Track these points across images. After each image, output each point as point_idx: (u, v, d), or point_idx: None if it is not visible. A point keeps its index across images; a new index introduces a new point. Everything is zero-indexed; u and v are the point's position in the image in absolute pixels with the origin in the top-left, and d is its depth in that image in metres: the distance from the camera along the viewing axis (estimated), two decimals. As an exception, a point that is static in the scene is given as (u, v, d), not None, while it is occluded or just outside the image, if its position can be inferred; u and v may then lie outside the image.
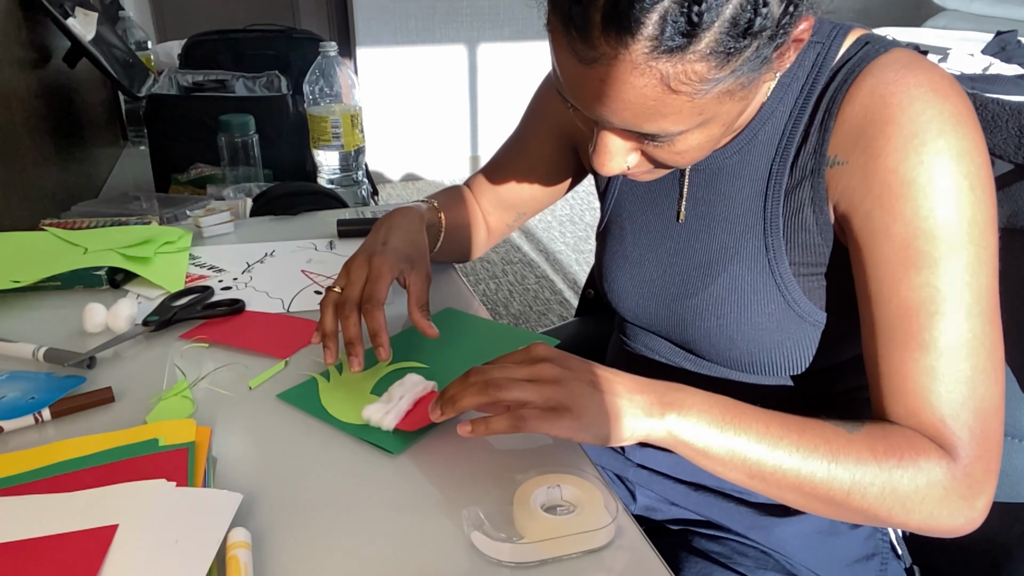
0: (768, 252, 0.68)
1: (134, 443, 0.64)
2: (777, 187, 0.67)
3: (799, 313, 0.68)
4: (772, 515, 0.76)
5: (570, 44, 0.53)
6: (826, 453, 0.57)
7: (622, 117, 0.55)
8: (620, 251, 0.80)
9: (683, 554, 0.77)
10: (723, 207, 0.71)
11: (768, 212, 0.68)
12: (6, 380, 0.73)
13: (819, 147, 0.64)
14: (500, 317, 2.57)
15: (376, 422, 0.66)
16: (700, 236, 0.73)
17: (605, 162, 0.61)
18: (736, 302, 0.70)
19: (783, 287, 0.68)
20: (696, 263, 0.73)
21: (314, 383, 0.74)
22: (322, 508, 0.59)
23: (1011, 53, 1.55)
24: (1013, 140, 0.71)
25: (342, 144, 1.40)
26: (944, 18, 3.23)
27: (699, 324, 0.73)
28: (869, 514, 0.58)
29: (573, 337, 1.14)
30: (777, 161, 0.67)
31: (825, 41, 0.65)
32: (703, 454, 0.58)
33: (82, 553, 0.51)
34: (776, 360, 0.70)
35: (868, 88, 0.61)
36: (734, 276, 0.70)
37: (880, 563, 0.75)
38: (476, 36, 3.76)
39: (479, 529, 0.54)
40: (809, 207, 0.65)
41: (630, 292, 0.79)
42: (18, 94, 1.18)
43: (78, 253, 0.98)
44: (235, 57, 1.78)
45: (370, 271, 0.73)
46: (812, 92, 0.65)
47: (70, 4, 1.32)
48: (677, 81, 0.51)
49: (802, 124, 0.65)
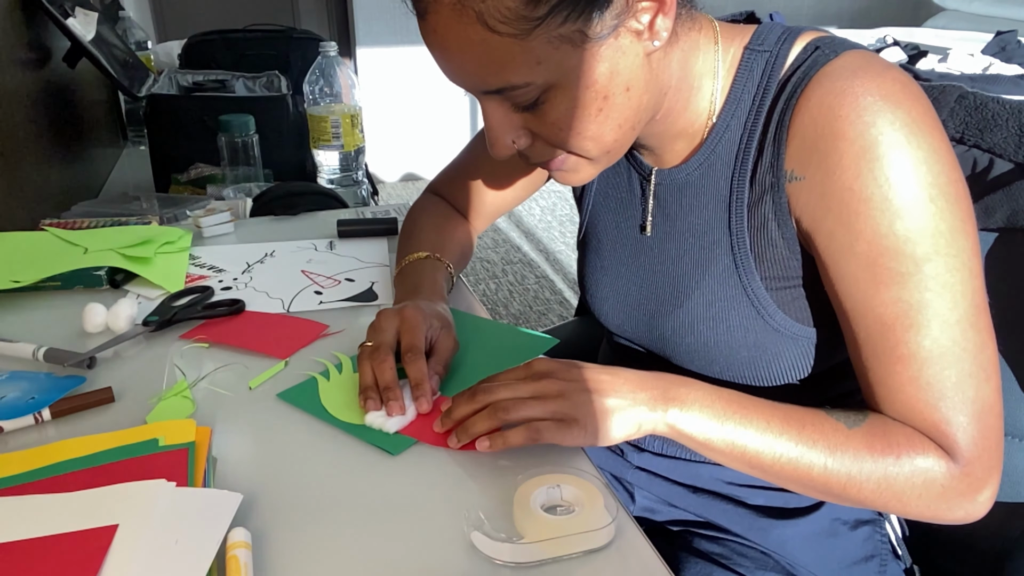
0: (738, 269, 0.67)
1: (134, 443, 0.63)
2: (739, 202, 0.66)
3: (774, 327, 0.67)
4: (772, 516, 0.76)
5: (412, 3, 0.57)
6: (824, 448, 0.59)
7: (465, 70, 0.58)
8: (598, 262, 0.80)
9: (683, 555, 0.76)
10: (690, 222, 0.70)
11: (733, 228, 0.67)
12: (6, 380, 0.73)
13: (775, 161, 0.63)
14: (500, 317, 2.57)
15: (379, 426, 0.66)
16: (669, 252, 0.72)
17: (492, 140, 0.63)
18: (711, 318, 0.69)
19: (756, 303, 0.67)
20: (668, 279, 0.73)
21: (314, 383, 0.74)
22: (322, 508, 0.59)
23: (1011, 53, 1.55)
24: (1013, 139, 0.71)
25: (342, 144, 1.40)
26: (944, 18, 3.23)
27: (676, 341, 0.73)
28: (867, 504, 0.60)
29: (573, 337, 1.13)
30: (736, 176, 0.66)
31: (773, 49, 0.64)
32: (704, 446, 0.61)
33: (82, 553, 0.51)
34: (757, 373, 0.70)
35: (816, 99, 0.59)
36: (706, 293, 0.69)
37: (879, 564, 0.75)
38: (476, 36, 3.75)
39: (479, 529, 0.54)
40: (773, 222, 0.64)
41: (611, 303, 0.79)
42: (18, 94, 1.18)
43: (78, 253, 0.98)
44: (235, 57, 1.78)
45: (402, 322, 0.71)
46: (763, 104, 0.64)
47: (70, 4, 1.32)
48: (493, 19, 0.53)
49: (755, 138, 0.64)
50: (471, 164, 0.93)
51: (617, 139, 0.62)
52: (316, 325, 0.85)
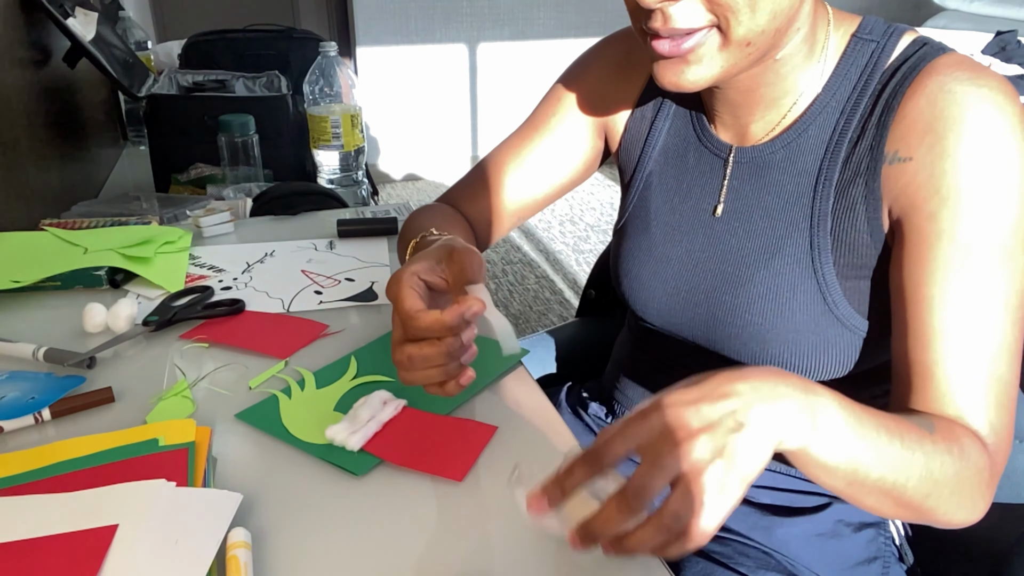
0: (813, 250, 0.67)
1: (134, 443, 0.64)
2: (827, 183, 0.66)
3: (838, 316, 0.67)
4: (774, 516, 0.76)
5: None
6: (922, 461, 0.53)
7: None
8: (644, 246, 0.78)
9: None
10: (767, 202, 0.70)
11: (816, 209, 0.67)
12: (6, 380, 0.73)
13: (876, 143, 0.63)
14: (500, 317, 2.57)
15: (340, 442, 0.63)
16: (738, 231, 0.72)
17: None
18: (774, 300, 0.68)
19: (825, 288, 0.66)
20: (732, 260, 0.72)
21: (275, 400, 0.71)
22: (322, 508, 0.59)
23: (1011, 53, 1.55)
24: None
25: (342, 144, 1.40)
26: (944, 18, 3.23)
27: (731, 323, 0.71)
28: (935, 515, 0.55)
29: (573, 338, 1.13)
30: (828, 157, 0.66)
31: (880, 40, 0.66)
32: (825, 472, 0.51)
33: (82, 553, 0.51)
34: (807, 363, 0.68)
35: (936, 84, 0.60)
36: (774, 274, 0.68)
37: (882, 566, 0.75)
38: (476, 36, 3.76)
39: (526, 487, 0.49)
40: (862, 205, 0.64)
41: (652, 290, 0.77)
42: (18, 94, 1.18)
43: (78, 253, 0.98)
44: (235, 57, 1.78)
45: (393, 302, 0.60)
46: (866, 89, 0.65)
47: (70, 4, 1.32)
48: None
49: (855, 120, 0.65)
50: (482, 179, 0.88)
51: (764, 29, 0.59)
52: (316, 325, 0.85)
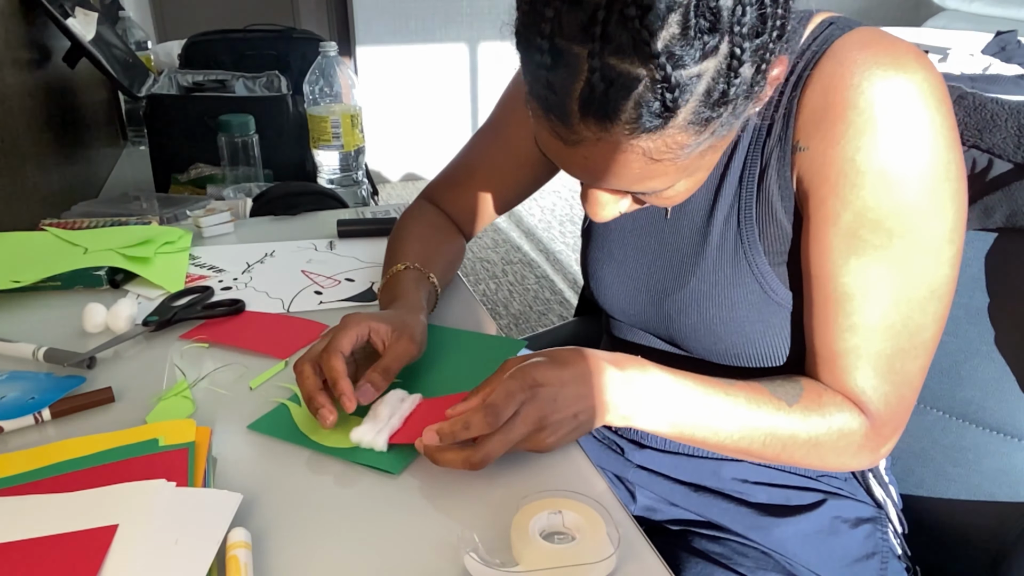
0: (743, 243, 0.68)
1: (134, 443, 0.64)
2: (751, 176, 0.67)
3: (778, 302, 0.69)
4: (772, 515, 0.76)
5: (551, 127, 0.54)
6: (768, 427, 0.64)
7: (609, 184, 0.57)
8: (605, 248, 0.80)
9: (683, 554, 0.76)
10: (701, 198, 0.71)
11: (743, 202, 0.68)
12: (6, 380, 0.73)
13: (783, 134, 0.64)
14: (500, 317, 2.58)
15: (368, 443, 0.63)
16: (681, 230, 0.74)
17: (597, 212, 0.63)
18: (716, 295, 0.70)
19: (761, 277, 0.68)
20: (677, 259, 0.74)
21: (285, 408, 0.70)
22: (322, 508, 0.59)
23: (1011, 53, 1.55)
24: (1012, 139, 0.71)
25: (342, 144, 1.41)
26: (944, 18, 3.23)
27: (683, 321, 0.74)
28: (791, 463, 0.67)
29: (573, 337, 1.13)
30: (751, 149, 0.67)
31: (794, 26, 0.64)
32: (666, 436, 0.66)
33: (82, 553, 0.51)
34: (760, 349, 0.71)
35: (828, 71, 0.60)
36: (712, 269, 0.70)
37: (880, 562, 0.75)
38: (476, 36, 3.76)
39: (473, 552, 0.52)
40: (777, 195, 0.66)
41: (616, 290, 0.80)
42: (18, 94, 1.18)
43: (78, 253, 0.98)
44: (235, 57, 1.78)
45: (337, 330, 0.68)
46: None
47: (70, 4, 1.32)
48: (659, 152, 0.53)
49: (768, 110, 0.65)
50: (465, 169, 0.91)
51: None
52: (316, 325, 0.85)
